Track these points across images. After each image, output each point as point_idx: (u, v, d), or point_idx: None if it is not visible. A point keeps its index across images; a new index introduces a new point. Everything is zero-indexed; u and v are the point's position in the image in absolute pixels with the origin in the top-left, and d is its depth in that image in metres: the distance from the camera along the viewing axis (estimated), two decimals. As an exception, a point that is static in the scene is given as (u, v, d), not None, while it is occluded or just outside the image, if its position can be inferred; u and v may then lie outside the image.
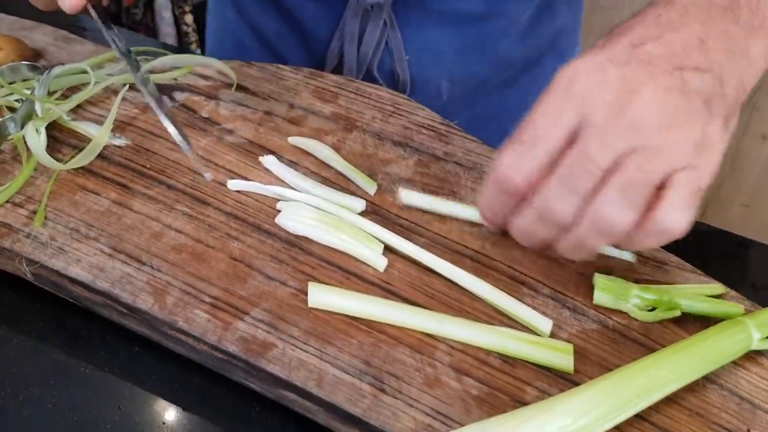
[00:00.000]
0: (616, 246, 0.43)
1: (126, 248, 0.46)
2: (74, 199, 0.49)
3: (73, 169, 0.52)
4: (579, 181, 0.37)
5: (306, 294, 0.44)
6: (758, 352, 0.42)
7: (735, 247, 0.58)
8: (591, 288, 0.45)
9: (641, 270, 0.47)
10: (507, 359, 0.41)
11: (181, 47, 1.86)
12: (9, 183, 0.50)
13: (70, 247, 0.46)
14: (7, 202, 0.49)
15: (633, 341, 0.43)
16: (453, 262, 0.46)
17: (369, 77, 0.71)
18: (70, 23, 0.72)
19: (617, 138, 0.37)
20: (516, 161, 0.39)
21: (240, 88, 0.60)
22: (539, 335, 0.43)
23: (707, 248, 0.55)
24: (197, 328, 0.42)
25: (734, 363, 0.42)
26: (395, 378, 0.40)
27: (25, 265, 0.46)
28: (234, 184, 0.51)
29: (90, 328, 0.47)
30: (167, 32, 1.89)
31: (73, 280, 0.45)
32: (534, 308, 0.44)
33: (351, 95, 0.60)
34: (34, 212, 0.48)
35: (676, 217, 0.38)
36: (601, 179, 0.37)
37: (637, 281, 0.46)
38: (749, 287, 0.52)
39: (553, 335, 0.43)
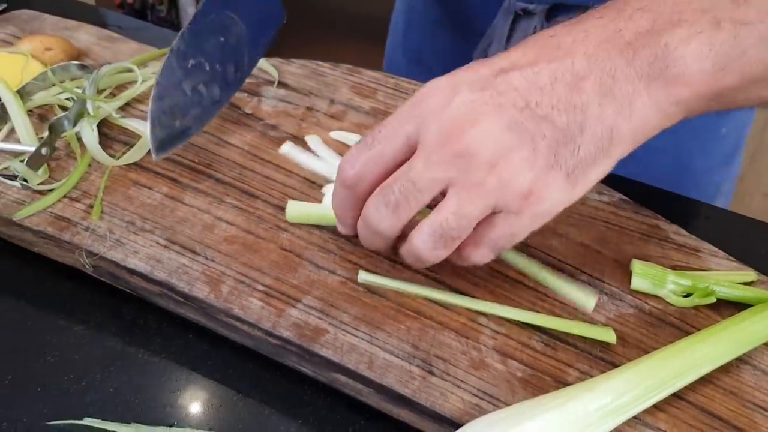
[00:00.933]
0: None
1: (180, 240, 0.48)
2: (128, 193, 0.52)
3: (125, 164, 0.54)
4: (395, 196, 0.38)
5: (354, 282, 0.46)
6: (790, 335, 0.44)
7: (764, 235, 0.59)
8: (627, 274, 0.47)
9: (676, 257, 0.49)
10: (549, 343, 0.43)
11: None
12: (65, 178, 0.52)
13: (127, 239, 0.48)
14: (65, 197, 0.51)
15: (669, 325, 0.45)
16: (493, 250, 0.48)
17: None
18: (111, 23, 0.74)
19: (442, 165, 0.37)
20: (353, 157, 0.40)
21: (281, 84, 0.62)
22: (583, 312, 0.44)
23: (738, 236, 0.57)
24: (252, 315, 0.44)
25: (766, 344, 0.43)
26: (443, 361, 0.42)
27: (84, 257, 0.48)
28: (286, 149, 0.54)
29: (146, 317, 0.50)
30: (190, 28, 1.91)
31: (132, 271, 0.47)
32: (600, 310, 0.46)
33: (389, 90, 0.61)
34: (91, 206, 0.50)
35: (478, 256, 0.40)
36: (421, 204, 0.38)
37: (672, 268, 0.47)
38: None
39: (591, 320, 0.45)
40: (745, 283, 0.46)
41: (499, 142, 0.36)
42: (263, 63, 0.63)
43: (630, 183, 0.58)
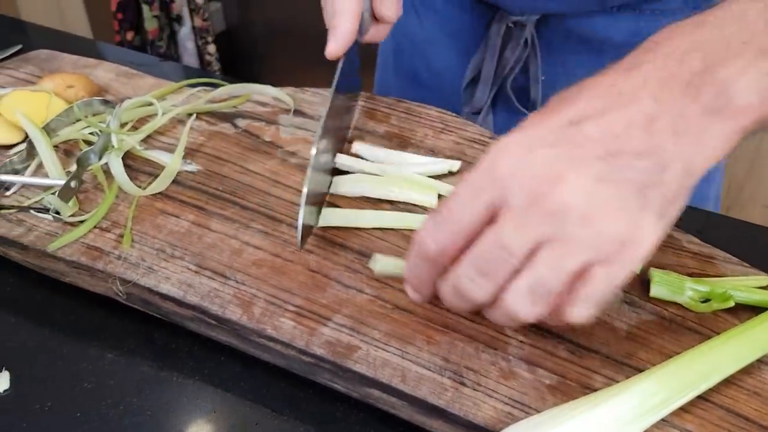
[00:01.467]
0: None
1: (210, 265, 0.50)
2: (156, 222, 0.53)
3: (151, 194, 0.56)
4: (490, 266, 0.37)
5: (383, 300, 0.47)
6: (807, 335, 0.45)
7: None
8: (645, 283, 0.49)
9: (691, 264, 0.51)
10: (574, 351, 0.45)
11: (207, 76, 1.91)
12: (95, 210, 0.54)
13: (158, 266, 0.50)
14: (95, 227, 0.53)
15: (689, 330, 0.46)
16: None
17: (502, 91, 0.75)
18: (129, 60, 0.76)
19: (534, 225, 0.36)
20: (433, 230, 0.39)
21: (297, 112, 0.64)
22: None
23: (748, 243, 0.58)
24: (285, 335, 0.45)
25: (785, 346, 0.45)
26: (473, 372, 0.43)
27: (118, 284, 0.49)
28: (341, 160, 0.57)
29: (177, 341, 0.51)
30: (190, 63, 1.95)
31: (165, 296, 0.48)
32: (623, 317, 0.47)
33: (402, 114, 0.63)
34: (121, 236, 0.52)
35: (580, 313, 0.38)
36: (514, 266, 0.37)
37: (689, 275, 0.49)
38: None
39: (612, 326, 0.46)
40: (760, 288, 0.48)
41: (590, 195, 0.36)
42: (279, 93, 0.65)
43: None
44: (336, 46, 0.52)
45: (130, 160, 0.59)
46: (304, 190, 0.48)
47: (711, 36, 0.39)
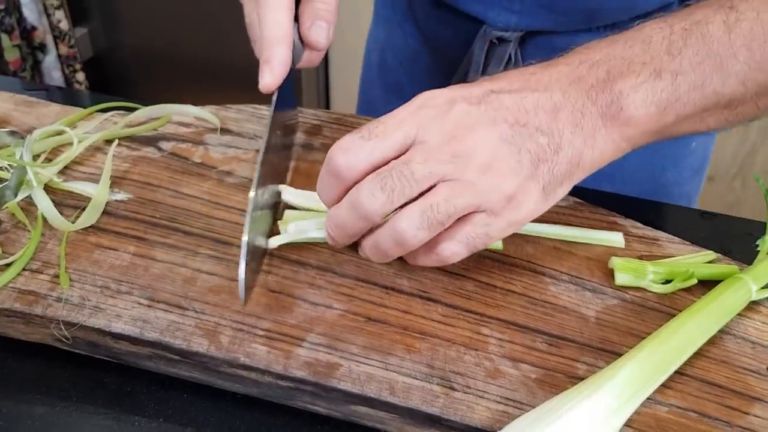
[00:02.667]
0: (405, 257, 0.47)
1: (163, 297, 0.47)
2: (93, 257, 0.49)
3: (81, 229, 0.51)
4: (392, 182, 0.41)
5: (354, 313, 0.46)
6: (757, 302, 0.48)
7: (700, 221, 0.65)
8: (604, 270, 0.50)
9: (638, 248, 0.53)
10: (552, 342, 0.45)
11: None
12: (21, 251, 0.49)
13: (105, 304, 0.46)
14: (24, 270, 0.48)
15: (651, 309, 0.48)
16: (478, 261, 0.50)
17: None
18: (21, 89, 0.70)
19: (439, 162, 0.41)
20: (347, 146, 0.43)
21: (224, 131, 0.61)
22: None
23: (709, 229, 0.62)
24: (261, 361, 0.43)
25: (739, 314, 0.48)
26: (460, 375, 0.43)
27: (62, 328, 0.45)
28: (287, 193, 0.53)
29: (131, 383, 0.47)
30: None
31: (118, 336, 0.45)
32: (559, 294, 0.48)
33: (333, 126, 0.62)
34: (56, 276, 0.48)
35: (452, 251, 0.43)
36: (412, 192, 0.41)
37: (638, 258, 0.51)
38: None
39: (580, 315, 0.47)
40: (708, 262, 0.51)
41: (493, 150, 0.42)
42: (201, 112, 0.62)
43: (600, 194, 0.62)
44: (272, 79, 0.49)
45: (49, 194, 0.54)
46: (244, 238, 0.43)
47: (619, 52, 0.44)
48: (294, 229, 0.50)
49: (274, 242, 0.49)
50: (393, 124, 0.43)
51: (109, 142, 0.59)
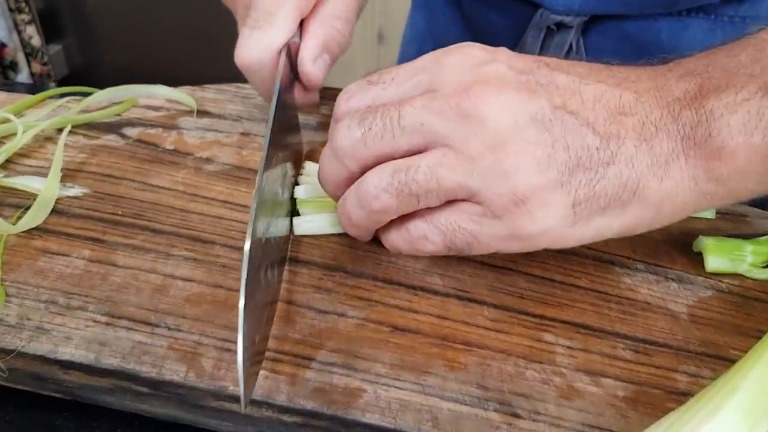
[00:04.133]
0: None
1: (126, 312, 0.36)
2: (37, 266, 0.38)
3: (24, 232, 0.41)
4: (372, 120, 0.32)
5: (375, 322, 0.35)
6: None
7: None
8: (687, 255, 0.40)
9: (723, 226, 0.42)
10: (638, 348, 0.35)
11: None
12: (-57, 261, 0.38)
13: (51, 323, 0.35)
14: (-54, 285, 0.37)
15: (756, 300, 0.38)
16: (528, 254, 0.39)
17: None
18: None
19: (437, 114, 0.31)
20: (352, 89, 0.35)
21: (201, 113, 0.51)
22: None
23: None
24: (256, 390, 0.32)
25: None
26: (524, 397, 0.32)
27: (-7, 358, 0.34)
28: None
29: (91, 425, 0.36)
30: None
31: (68, 364, 0.34)
32: (636, 286, 0.38)
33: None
34: (-12, 291, 0.37)
35: (422, 233, 0.33)
36: (393, 145, 0.32)
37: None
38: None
39: (668, 311, 0.37)
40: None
41: (516, 126, 0.30)
42: (175, 93, 0.52)
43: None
44: (272, 40, 0.40)
45: (-16, 193, 0.44)
46: (243, 276, 0.30)
47: (720, 62, 0.32)
48: (306, 226, 0.40)
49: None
50: (408, 70, 0.34)
51: (62, 131, 0.48)
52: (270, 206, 0.35)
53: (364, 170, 0.33)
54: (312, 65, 0.42)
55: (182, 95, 0.51)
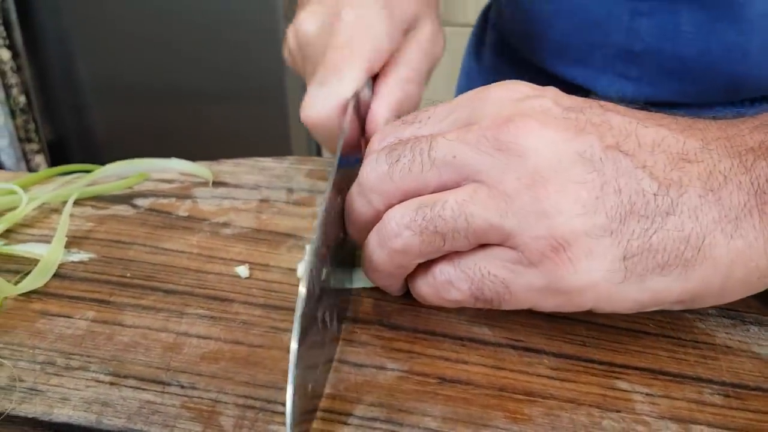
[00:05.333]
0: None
1: (133, 371, 0.31)
2: (34, 327, 0.34)
3: (23, 295, 0.37)
4: (401, 152, 0.30)
5: (419, 374, 0.31)
6: None
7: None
8: (761, 298, 0.36)
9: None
10: (728, 392, 0.30)
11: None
12: (-71, 325, 0.34)
13: (46, 384, 0.31)
14: (-69, 349, 0.33)
15: None
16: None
17: None
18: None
19: (473, 147, 0.28)
20: (386, 130, 0.33)
21: (217, 184, 0.48)
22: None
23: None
24: (286, 448, 0.27)
25: None
26: (605, 448, 0.27)
27: (-23, 424, 0.29)
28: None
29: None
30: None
31: (64, 427, 0.29)
32: (712, 331, 0.33)
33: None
34: (-23, 354, 0.32)
35: (448, 279, 0.30)
36: (420, 172, 0.29)
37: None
38: None
39: (753, 354, 0.32)
40: None
41: (561, 163, 0.27)
42: (189, 166, 0.49)
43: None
44: (327, 104, 0.37)
45: (-19, 261, 0.40)
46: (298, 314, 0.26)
47: None
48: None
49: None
50: (446, 107, 0.32)
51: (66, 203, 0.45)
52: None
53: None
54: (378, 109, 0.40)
55: (198, 168, 0.49)
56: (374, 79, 0.40)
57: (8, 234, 0.43)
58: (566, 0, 0.52)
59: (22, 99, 1.57)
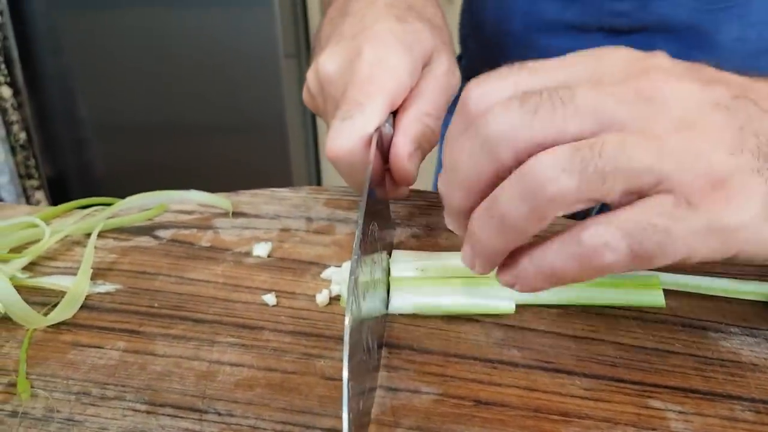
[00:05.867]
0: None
1: (169, 399, 0.32)
2: (66, 358, 0.35)
3: (52, 327, 0.37)
4: (537, 100, 0.28)
5: (455, 397, 0.31)
6: None
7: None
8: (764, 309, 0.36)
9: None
10: (759, 408, 0.30)
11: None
12: (-38, 357, 0.34)
13: (83, 414, 0.31)
14: (-36, 382, 0.33)
15: None
16: (609, 320, 0.35)
17: None
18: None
19: (615, 97, 0.27)
20: (485, 79, 0.30)
21: (236, 214, 0.49)
22: None
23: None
24: (328, 472, 0.27)
25: None
26: (644, 466, 0.27)
27: (16, 455, 0.30)
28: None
29: None
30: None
31: (104, 457, 0.29)
32: (737, 349, 0.34)
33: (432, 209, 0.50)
34: (11, 385, 0.33)
35: (603, 240, 0.27)
36: (564, 120, 0.27)
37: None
38: None
39: (781, 375, 0.33)
40: None
41: (700, 109, 0.27)
42: (208, 197, 0.50)
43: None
44: (350, 138, 0.38)
45: (8, 295, 0.40)
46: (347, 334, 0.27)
47: None
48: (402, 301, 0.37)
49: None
50: (556, 62, 0.30)
51: (90, 235, 0.46)
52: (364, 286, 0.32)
53: (518, 164, 0.28)
54: (408, 161, 0.40)
55: (217, 199, 0.50)
56: (394, 113, 0.41)
57: (32, 267, 0.43)
58: (544, 45, 0.54)
59: (22, 135, 1.58)
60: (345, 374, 0.25)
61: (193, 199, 0.50)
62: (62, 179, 1.72)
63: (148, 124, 1.59)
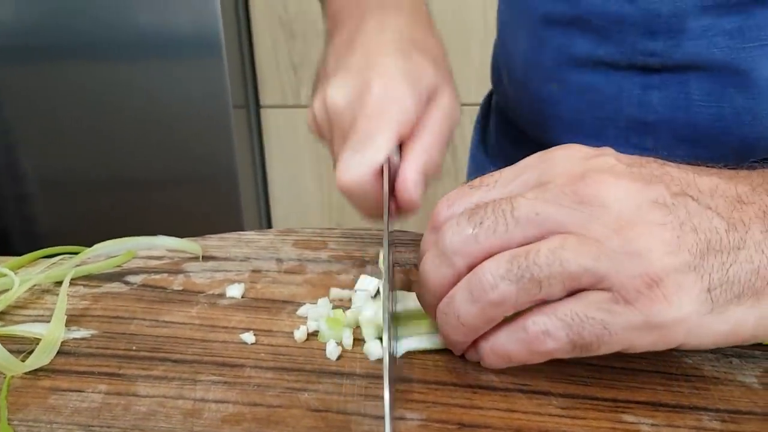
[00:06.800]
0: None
1: (157, 438, 0.32)
2: (47, 403, 0.34)
3: (29, 373, 0.37)
4: (483, 215, 0.31)
5: (438, 421, 0.32)
6: None
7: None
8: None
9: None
10: (724, 417, 0.32)
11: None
12: (-62, 407, 0.34)
13: (70, 457, 0.31)
14: (-58, 432, 0.33)
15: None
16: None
17: None
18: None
19: (554, 204, 0.30)
20: (452, 196, 0.35)
21: (207, 257, 0.49)
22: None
23: None
24: (323, 499, 0.28)
25: None
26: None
27: (2, 502, 0.29)
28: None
29: None
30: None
31: (95, 498, 0.29)
32: (698, 365, 0.36)
33: (340, 239, 0.51)
34: (-8, 433, 0.32)
35: (543, 329, 0.30)
36: (506, 232, 0.31)
37: None
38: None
39: (740, 383, 0.35)
40: None
41: (640, 209, 0.30)
42: (176, 242, 0.50)
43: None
44: (361, 170, 0.39)
45: (-22, 344, 0.40)
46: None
47: None
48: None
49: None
50: (512, 170, 0.34)
51: (60, 283, 0.45)
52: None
53: (472, 269, 0.32)
54: (415, 189, 0.41)
55: (186, 243, 0.50)
56: (400, 144, 0.43)
57: (2, 316, 0.43)
58: (575, 80, 0.54)
59: (-37, 192, 1.54)
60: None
61: (162, 244, 0.51)
62: (5, 234, 1.67)
63: (95, 178, 1.57)
